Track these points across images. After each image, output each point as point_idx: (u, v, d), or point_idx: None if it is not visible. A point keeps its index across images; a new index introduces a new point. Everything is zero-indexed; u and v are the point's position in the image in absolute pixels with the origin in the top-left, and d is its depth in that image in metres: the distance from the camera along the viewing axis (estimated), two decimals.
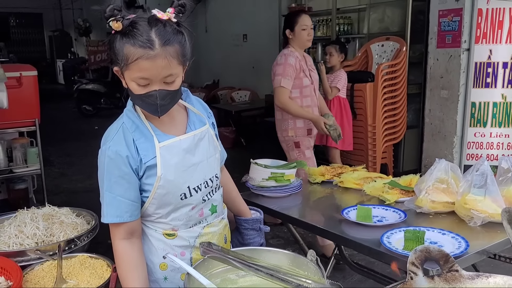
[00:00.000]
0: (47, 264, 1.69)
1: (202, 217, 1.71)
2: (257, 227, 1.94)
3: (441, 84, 5.28)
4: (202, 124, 1.70)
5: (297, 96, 3.86)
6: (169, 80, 1.46)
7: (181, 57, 1.46)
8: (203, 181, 1.67)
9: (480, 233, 2.16)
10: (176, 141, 1.59)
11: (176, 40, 1.43)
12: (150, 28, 1.39)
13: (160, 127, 1.60)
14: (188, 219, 1.67)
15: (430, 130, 5.47)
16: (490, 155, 5.11)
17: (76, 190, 6.39)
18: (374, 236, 2.10)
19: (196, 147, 1.65)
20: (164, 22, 1.42)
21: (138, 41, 1.38)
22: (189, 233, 1.68)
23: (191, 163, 1.62)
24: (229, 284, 1.51)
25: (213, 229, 1.74)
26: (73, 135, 10.48)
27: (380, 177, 2.94)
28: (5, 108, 3.57)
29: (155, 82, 1.44)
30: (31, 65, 4.59)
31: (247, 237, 1.93)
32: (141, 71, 1.41)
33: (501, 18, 4.88)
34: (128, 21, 1.39)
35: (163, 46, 1.39)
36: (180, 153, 1.60)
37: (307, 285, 1.34)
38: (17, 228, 1.88)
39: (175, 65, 1.45)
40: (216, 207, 1.76)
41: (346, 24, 6.55)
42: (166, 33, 1.41)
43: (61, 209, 2.07)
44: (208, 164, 1.69)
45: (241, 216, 1.96)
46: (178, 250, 1.66)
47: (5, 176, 4.35)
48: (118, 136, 1.55)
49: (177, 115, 1.67)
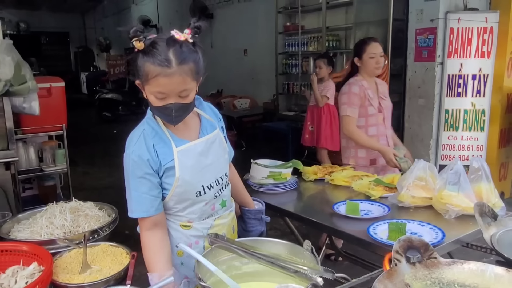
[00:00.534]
0: (74, 252, 1.69)
1: (214, 210, 1.74)
2: (259, 217, 1.97)
3: (418, 94, 5.30)
4: (213, 129, 1.71)
5: (362, 125, 3.34)
6: (184, 94, 1.47)
7: (195, 74, 1.47)
8: (214, 180, 1.69)
9: (455, 225, 2.16)
10: (191, 145, 1.62)
11: (191, 58, 1.44)
12: (168, 48, 1.40)
13: (176, 133, 1.62)
14: (202, 213, 1.70)
15: (409, 134, 5.48)
16: (462, 155, 5.12)
17: (98, 187, 6.41)
18: (361, 227, 2.10)
19: (209, 150, 1.67)
20: (181, 42, 1.43)
21: (157, 60, 1.39)
22: (202, 224, 1.71)
23: (204, 164, 1.65)
24: (233, 271, 1.51)
25: (223, 221, 1.77)
26: (95, 138, 10.48)
27: (366, 175, 2.94)
28: (37, 114, 3.57)
29: (171, 96, 1.45)
30: (59, 77, 4.58)
31: (250, 225, 1.96)
32: (159, 86, 1.43)
33: (470, 36, 4.91)
34: (149, 41, 1.41)
35: (179, 65, 1.40)
36: (195, 156, 1.62)
37: (304, 272, 1.33)
38: (48, 219, 1.88)
39: (189, 81, 1.46)
40: (226, 201, 1.79)
41: (334, 41, 6.55)
42: (182, 53, 1.41)
43: (85, 203, 2.07)
44: (219, 164, 1.72)
45: (245, 207, 1.99)
46: (193, 239, 1.70)
47: (36, 174, 4.37)
48: (139, 141, 1.57)
49: (191, 122, 1.68)
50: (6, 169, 3.21)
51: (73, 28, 19.75)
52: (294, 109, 7.30)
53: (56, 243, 1.72)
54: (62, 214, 1.91)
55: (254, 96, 8.88)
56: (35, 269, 1.49)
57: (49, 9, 16.91)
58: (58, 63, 17.57)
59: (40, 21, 17.29)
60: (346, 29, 6.45)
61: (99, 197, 2.18)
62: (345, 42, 6.57)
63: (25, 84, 3.09)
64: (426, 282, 1.27)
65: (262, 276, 1.48)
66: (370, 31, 5.88)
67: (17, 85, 3.02)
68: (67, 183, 4.59)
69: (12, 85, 2.97)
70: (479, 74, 4.98)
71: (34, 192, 4.67)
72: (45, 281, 1.38)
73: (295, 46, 7.11)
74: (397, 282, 1.24)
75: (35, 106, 3.45)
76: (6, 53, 2.84)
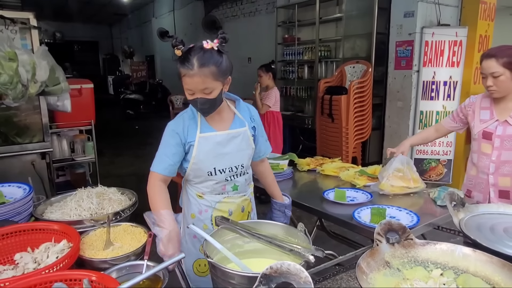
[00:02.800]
0: (98, 231, 1.67)
1: (224, 190, 1.79)
2: (282, 210, 1.98)
3: (397, 97, 5.28)
4: (242, 126, 1.78)
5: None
6: (207, 91, 1.56)
7: (216, 75, 1.55)
8: (228, 166, 1.74)
9: (428, 210, 2.15)
10: (212, 135, 1.70)
11: (212, 62, 1.53)
12: (194, 55, 1.51)
13: (209, 121, 1.72)
14: (212, 189, 1.77)
15: (389, 132, 5.47)
16: (434, 150, 5.14)
17: (122, 175, 6.39)
18: (347, 212, 2.09)
19: (229, 141, 1.73)
20: (206, 50, 1.53)
21: (184, 64, 1.52)
22: (212, 198, 1.78)
23: (220, 152, 1.71)
24: (237, 248, 1.49)
25: (232, 200, 1.81)
26: (120, 132, 10.47)
27: (352, 166, 2.93)
28: (69, 112, 3.56)
29: (196, 92, 1.56)
30: (89, 80, 4.57)
31: (274, 215, 1.99)
32: (186, 84, 1.56)
33: (442, 48, 4.93)
34: (185, 49, 1.53)
35: (199, 68, 1.50)
36: (213, 144, 1.70)
37: (297, 250, 1.31)
38: (77, 202, 1.86)
39: (210, 81, 1.54)
40: (238, 187, 1.81)
41: (326, 51, 6.51)
42: (204, 58, 1.51)
43: (109, 188, 2.05)
44: (237, 156, 1.76)
45: (273, 198, 2.01)
46: (203, 208, 1.79)
47: (68, 163, 4.38)
48: (179, 119, 1.72)
49: (226, 116, 1.77)
50: (42, 158, 3.21)
51: (101, 37, 19.72)
52: (291, 110, 7.28)
53: (83, 223, 1.71)
54: (89, 198, 1.89)
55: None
56: (65, 246, 1.48)
57: (81, 21, 16.90)
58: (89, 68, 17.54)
59: (73, 31, 17.26)
60: (336, 41, 6.41)
61: (123, 183, 2.17)
62: (335, 52, 6.54)
63: (59, 85, 3.07)
64: (404, 260, 1.26)
65: (262, 254, 1.46)
66: (357, 43, 5.86)
67: (51, 86, 3.01)
68: (95, 171, 4.59)
69: (47, 86, 2.95)
70: (449, 81, 4.98)
71: (67, 179, 4.68)
72: (73, 256, 1.36)
73: (292, 55, 7.08)
74: (378, 260, 1.23)
75: (67, 104, 3.43)
76: (42, 58, 2.82)
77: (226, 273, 1.22)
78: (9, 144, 3.12)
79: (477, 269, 1.20)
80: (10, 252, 1.50)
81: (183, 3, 11.72)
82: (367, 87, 5.12)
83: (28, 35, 3.48)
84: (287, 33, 7.37)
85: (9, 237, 1.51)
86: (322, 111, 5.43)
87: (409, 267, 1.24)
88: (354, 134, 5.18)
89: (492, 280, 1.16)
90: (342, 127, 5.15)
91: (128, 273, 1.42)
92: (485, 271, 1.19)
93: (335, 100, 5.18)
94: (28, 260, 1.43)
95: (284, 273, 1.00)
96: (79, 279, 1.19)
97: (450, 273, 1.22)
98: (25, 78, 2.56)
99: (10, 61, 2.39)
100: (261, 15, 8.71)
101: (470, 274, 1.20)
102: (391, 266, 1.23)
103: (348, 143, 5.16)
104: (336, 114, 5.22)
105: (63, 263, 1.30)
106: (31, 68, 2.64)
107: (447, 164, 5.13)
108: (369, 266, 1.19)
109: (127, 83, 15.52)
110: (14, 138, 3.15)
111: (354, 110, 5.10)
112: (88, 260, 1.45)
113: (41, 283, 1.18)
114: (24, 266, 1.41)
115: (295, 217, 3.03)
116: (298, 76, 7.06)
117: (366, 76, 5.14)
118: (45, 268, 1.26)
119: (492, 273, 1.17)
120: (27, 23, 3.29)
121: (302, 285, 0.98)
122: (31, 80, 2.63)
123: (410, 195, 2.38)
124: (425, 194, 2.39)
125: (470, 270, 1.21)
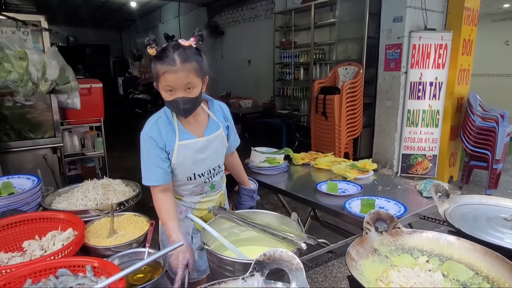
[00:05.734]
0: (103, 220, 1.64)
1: (203, 191, 1.72)
2: (250, 195, 1.94)
3: (386, 97, 5.25)
4: (217, 129, 1.65)
5: None
6: (189, 86, 1.42)
7: (198, 72, 1.42)
8: (207, 170, 1.65)
9: (414, 201, 2.12)
10: (192, 142, 1.57)
11: (193, 59, 1.40)
12: (174, 51, 1.38)
13: (185, 126, 1.58)
14: (191, 192, 1.69)
15: (379, 129, 5.44)
16: (420, 147, 5.11)
17: (129, 168, 6.32)
18: (339, 202, 2.06)
19: (207, 147, 1.62)
20: (185, 47, 1.40)
21: (165, 61, 1.37)
22: (191, 199, 1.71)
23: (199, 158, 1.61)
24: (233, 237, 1.45)
25: (209, 198, 1.74)
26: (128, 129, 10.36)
27: (344, 161, 2.89)
28: (78, 109, 3.52)
29: (178, 90, 1.41)
30: (98, 80, 4.53)
31: (243, 200, 1.94)
32: (167, 81, 1.39)
33: (429, 51, 4.91)
34: (160, 48, 1.40)
35: (182, 63, 1.37)
36: (193, 151, 1.58)
37: (290, 238, 1.28)
38: (83, 193, 1.83)
39: (193, 77, 1.41)
40: (215, 185, 1.74)
41: (320, 53, 6.47)
42: (185, 54, 1.38)
43: (114, 180, 2.02)
44: (214, 159, 1.67)
45: (241, 185, 1.96)
46: (183, 208, 1.71)
47: (79, 157, 4.35)
48: (153, 127, 1.54)
49: (201, 119, 1.63)
50: (53, 153, 3.18)
51: (112, 41, 19.63)
52: (288, 108, 7.25)
53: (88, 212, 1.67)
54: (95, 189, 1.85)
55: (256, 97, 8.82)
56: (70, 234, 1.44)
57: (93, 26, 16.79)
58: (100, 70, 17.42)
59: (85, 35, 17.17)
60: (329, 44, 6.37)
61: (130, 176, 2.13)
62: (329, 55, 6.50)
63: (68, 84, 3.03)
64: (391, 248, 1.23)
65: (257, 241, 1.43)
66: (349, 46, 5.81)
67: (61, 84, 2.97)
68: (104, 164, 4.56)
69: (57, 84, 2.92)
70: (435, 81, 4.95)
71: (78, 172, 4.64)
72: (78, 243, 1.33)
73: (289, 57, 7.04)
74: (367, 247, 1.20)
75: (77, 102, 3.39)
76: (53, 58, 2.78)
77: (222, 260, 1.19)
78: (22, 139, 3.09)
79: (461, 256, 1.17)
80: (19, 240, 1.47)
81: (187, 10, 11.66)
82: (359, 87, 5.08)
83: (40, 38, 3.44)
84: (284, 37, 7.33)
85: (18, 225, 1.48)
86: (316, 109, 5.39)
87: (397, 254, 1.21)
88: (346, 131, 5.14)
89: (475, 266, 1.13)
90: (335, 124, 5.12)
91: (130, 259, 1.40)
92: (468, 258, 1.16)
93: (328, 99, 5.15)
94: (36, 248, 1.39)
95: (277, 259, 0.97)
96: (82, 265, 1.16)
97: (435, 260, 1.19)
98: (35, 77, 2.52)
99: (20, 60, 2.34)
100: (260, 20, 8.66)
101: (455, 261, 1.17)
102: (380, 253, 1.20)
103: (341, 139, 5.13)
104: (329, 113, 5.18)
105: (68, 250, 1.27)
106: (41, 67, 2.60)
107: (433, 159, 5.10)
108: (359, 253, 1.16)
109: (135, 84, 15.46)
110: (27, 133, 3.11)
111: (346, 109, 5.06)
112: (92, 248, 1.42)
113: (46, 269, 1.15)
114: (31, 253, 1.37)
115: (291, 207, 3.01)
116: (294, 77, 7.03)
117: (358, 77, 5.11)
118: (51, 255, 1.23)
119: (475, 260, 1.14)
120: (38, 25, 3.25)
121: (294, 272, 0.95)
122: (41, 79, 2.59)
123: (398, 187, 2.35)
124: (412, 187, 2.36)
125: (455, 257, 1.18)
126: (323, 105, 5.22)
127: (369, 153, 5.63)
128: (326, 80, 5.62)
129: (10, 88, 2.33)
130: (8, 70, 2.25)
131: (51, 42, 3.38)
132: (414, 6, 4.91)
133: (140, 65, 16.11)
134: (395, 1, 4.96)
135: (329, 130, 5.24)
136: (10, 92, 2.70)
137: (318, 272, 1.39)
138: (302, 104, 6.99)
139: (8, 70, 2.25)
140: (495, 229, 1.37)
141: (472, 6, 5.02)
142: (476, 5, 5.07)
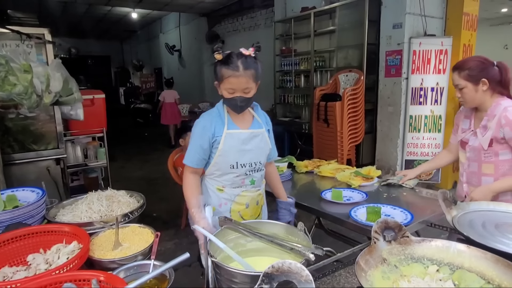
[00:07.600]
0: (108, 232, 1.62)
1: (243, 184, 1.85)
2: (288, 208, 1.99)
3: (388, 102, 5.24)
4: (260, 128, 1.86)
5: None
6: (247, 91, 1.69)
7: (255, 77, 1.68)
8: (248, 162, 1.81)
9: (421, 208, 2.09)
10: (237, 132, 1.78)
11: (253, 67, 1.65)
12: (238, 59, 1.63)
13: (233, 120, 1.80)
14: (233, 182, 1.83)
15: (381, 135, 5.42)
16: (423, 152, 5.08)
17: (132, 178, 6.32)
18: (344, 211, 2.04)
19: (250, 140, 1.80)
20: (246, 56, 1.65)
21: (230, 66, 1.62)
22: (232, 191, 1.84)
23: (243, 148, 1.78)
24: (239, 247, 1.44)
25: (249, 194, 1.86)
26: (130, 139, 10.44)
27: (347, 168, 2.87)
28: (81, 120, 3.52)
29: (237, 91, 1.67)
30: (101, 90, 4.53)
31: (280, 214, 2.00)
32: (230, 84, 1.65)
33: (429, 56, 4.91)
34: (225, 54, 1.65)
35: (244, 70, 1.63)
36: (238, 140, 1.77)
37: (298, 248, 1.26)
38: (87, 205, 1.81)
39: (251, 82, 1.67)
40: (255, 181, 1.87)
41: (320, 61, 6.47)
42: (247, 62, 1.64)
43: (119, 191, 1.99)
44: (256, 153, 1.83)
45: (278, 198, 2.03)
46: (223, 201, 1.85)
47: (82, 168, 4.32)
48: (207, 116, 1.81)
49: (247, 117, 1.86)
50: (56, 164, 3.17)
51: (113, 52, 19.71)
52: (289, 116, 7.24)
53: (93, 224, 1.65)
54: (99, 200, 1.83)
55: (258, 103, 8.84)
56: (75, 247, 1.42)
57: (94, 38, 16.90)
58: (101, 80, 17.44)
59: (87, 47, 17.27)
60: (330, 51, 6.38)
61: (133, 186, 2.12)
62: (329, 62, 6.50)
63: (72, 95, 3.03)
64: (400, 257, 1.21)
65: (264, 252, 1.41)
66: (349, 53, 5.82)
67: (65, 96, 2.97)
68: (107, 175, 4.54)
69: (61, 96, 2.91)
70: (436, 87, 4.94)
71: (81, 183, 4.63)
72: (83, 256, 1.31)
73: (289, 65, 7.05)
74: (376, 257, 1.18)
75: (80, 113, 3.39)
76: (57, 70, 2.78)
77: (229, 272, 1.17)
78: (26, 151, 3.08)
79: (472, 264, 1.15)
80: (23, 254, 1.45)
81: (188, 20, 11.72)
82: (360, 94, 5.08)
83: (43, 50, 3.45)
84: (284, 45, 7.35)
85: (22, 239, 1.46)
86: (318, 116, 5.39)
87: (406, 264, 1.19)
88: (348, 138, 5.13)
89: (487, 275, 1.11)
90: (337, 131, 5.11)
91: (135, 272, 1.37)
92: (479, 267, 1.14)
93: (330, 106, 5.14)
94: (40, 261, 1.37)
95: (285, 271, 0.95)
96: (87, 279, 1.14)
97: (446, 269, 1.17)
98: (40, 89, 2.52)
99: (25, 72, 2.34)
100: (260, 29, 8.69)
101: (465, 269, 1.15)
102: (389, 263, 1.18)
103: (343, 146, 5.11)
104: (331, 120, 5.18)
105: (73, 264, 1.25)
106: (45, 79, 2.60)
107: None
108: (367, 264, 1.14)
109: (137, 94, 15.50)
110: (30, 145, 3.10)
111: (348, 115, 5.06)
112: (97, 261, 1.40)
113: (52, 283, 1.13)
114: (36, 267, 1.35)
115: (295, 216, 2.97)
116: (295, 84, 7.03)
117: (359, 83, 5.11)
118: (56, 269, 1.21)
119: (486, 269, 1.12)
120: (42, 38, 3.26)
121: (303, 283, 0.93)
122: (45, 91, 2.58)
123: (404, 194, 2.33)
124: (417, 193, 2.33)
125: (465, 266, 1.16)
126: (325, 112, 5.21)
127: (371, 159, 5.61)
128: (327, 87, 5.62)
129: (15, 100, 2.33)
130: (13, 83, 2.25)
131: (55, 54, 3.38)
132: (413, 13, 4.92)
133: (141, 75, 16.17)
134: (394, 8, 4.97)
135: (331, 137, 5.23)
136: (14, 104, 2.70)
137: (325, 283, 1.37)
138: (303, 111, 6.98)
139: (13, 83, 2.25)
140: (505, 236, 1.35)
141: (471, 11, 5.03)
142: (475, 10, 5.09)
